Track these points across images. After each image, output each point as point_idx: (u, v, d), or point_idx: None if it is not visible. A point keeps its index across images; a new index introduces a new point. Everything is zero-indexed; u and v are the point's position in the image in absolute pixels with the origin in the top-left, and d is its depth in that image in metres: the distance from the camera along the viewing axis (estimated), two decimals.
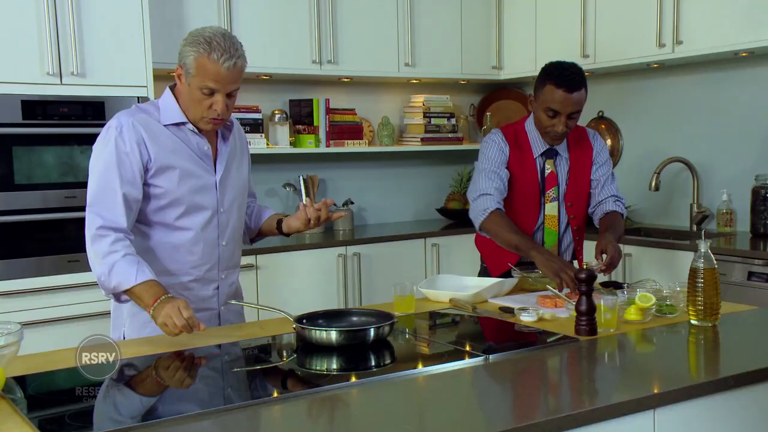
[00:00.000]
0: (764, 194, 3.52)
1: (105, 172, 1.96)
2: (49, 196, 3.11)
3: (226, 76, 1.94)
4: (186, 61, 1.95)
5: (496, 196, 2.52)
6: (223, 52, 1.92)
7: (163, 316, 1.83)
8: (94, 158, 2.01)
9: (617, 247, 2.40)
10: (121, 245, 1.93)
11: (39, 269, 3.10)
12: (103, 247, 1.92)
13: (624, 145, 4.30)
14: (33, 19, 3.04)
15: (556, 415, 1.38)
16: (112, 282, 1.90)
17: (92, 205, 1.96)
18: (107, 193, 1.95)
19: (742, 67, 3.70)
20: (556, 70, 2.46)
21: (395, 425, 1.38)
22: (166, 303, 1.85)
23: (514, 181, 2.59)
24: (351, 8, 4.00)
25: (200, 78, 1.94)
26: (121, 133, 1.97)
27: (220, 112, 1.98)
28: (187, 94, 1.99)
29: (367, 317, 1.99)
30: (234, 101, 2.03)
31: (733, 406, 1.61)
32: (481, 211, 2.51)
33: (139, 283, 1.88)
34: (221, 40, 1.93)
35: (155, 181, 2.00)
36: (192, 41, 1.95)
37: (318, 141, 4.11)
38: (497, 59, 4.51)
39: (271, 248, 3.57)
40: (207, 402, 1.55)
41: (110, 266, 1.90)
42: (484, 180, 2.55)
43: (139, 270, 1.89)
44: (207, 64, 1.92)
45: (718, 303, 1.96)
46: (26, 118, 3.05)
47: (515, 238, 2.42)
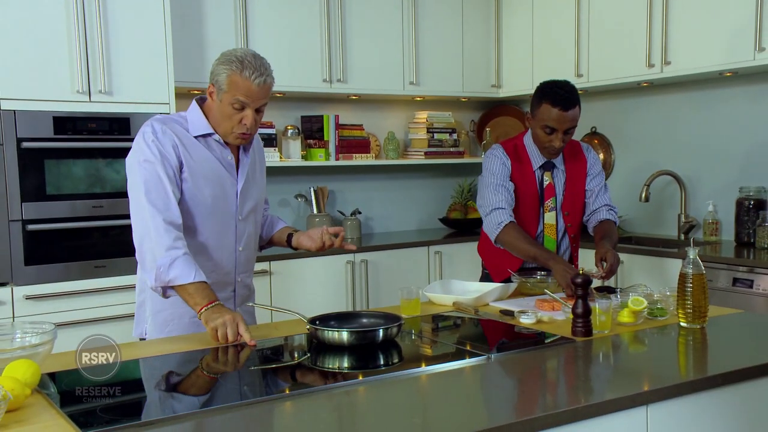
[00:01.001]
0: (748, 205, 3.52)
1: (153, 171, 1.94)
2: (77, 206, 3.13)
3: (257, 92, 1.97)
4: (219, 78, 1.97)
5: (507, 209, 2.53)
6: (254, 70, 1.94)
7: (220, 323, 1.81)
8: (136, 159, 1.97)
9: (616, 255, 2.41)
10: (182, 244, 1.92)
11: (68, 274, 3.11)
12: (168, 240, 1.89)
13: (615, 158, 4.31)
14: (64, 41, 3.07)
15: (554, 410, 1.38)
16: (170, 274, 1.88)
17: (149, 200, 1.92)
18: (160, 190, 1.93)
19: (726, 85, 3.71)
20: (552, 90, 2.47)
21: (403, 419, 1.39)
22: (224, 312, 1.84)
23: (516, 193, 2.61)
24: (359, 31, 4.03)
25: (232, 93, 1.96)
26: (158, 136, 1.97)
27: (249, 126, 2.00)
28: (218, 110, 2.01)
29: (376, 319, 2.00)
30: (261, 117, 2.04)
31: (721, 403, 1.62)
32: (495, 225, 2.52)
33: (196, 281, 1.88)
34: (252, 59, 1.96)
35: (184, 185, 2.00)
36: (225, 60, 1.97)
37: (328, 154, 4.13)
38: (496, 78, 4.53)
39: (283, 255, 3.58)
40: (226, 397, 1.55)
41: (172, 259, 1.88)
42: (492, 194, 2.56)
43: (197, 271, 1.89)
44: (239, 81, 1.94)
45: (706, 306, 1.97)
46: (57, 133, 3.07)
47: (533, 250, 2.44)
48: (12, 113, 2.98)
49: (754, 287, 3.07)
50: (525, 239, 2.48)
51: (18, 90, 3.00)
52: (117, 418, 1.37)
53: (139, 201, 1.94)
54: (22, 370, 1.43)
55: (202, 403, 1.50)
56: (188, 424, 1.34)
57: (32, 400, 1.44)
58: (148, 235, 1.91)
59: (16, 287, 3.01)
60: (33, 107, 3.02)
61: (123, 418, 1.36)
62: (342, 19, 3.96)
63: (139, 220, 1.94)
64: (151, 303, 2.06)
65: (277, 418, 1.42)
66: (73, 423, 1.31)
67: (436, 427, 1.36)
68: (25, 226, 3.02)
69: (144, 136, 1.98)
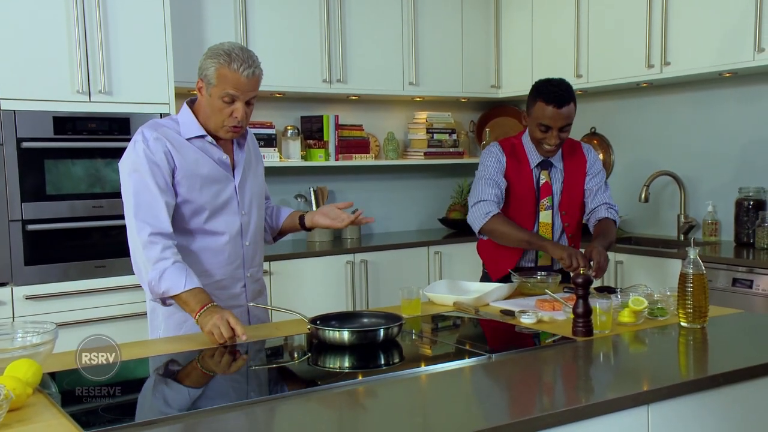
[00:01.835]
0: (747, 205, 3.52)
1: (142, 181, 1.95)
2: (77, 206, 3.13)
3: (246, 84, 1.96)
4: (207, 72, 1.97)
5: (495, 202, 2.55)
6: (242, 63, 1.94)
7: (211, 325, 1.82)
8: (126, 170, 1.99)
9: (603, 252, 2.41)
10: (171, 252, 1.92)
11: (68, 274, 3.11)
12: (154, 253, 1.90)
13: (615, 159, 4.31)
14: (64, 41, 3.07)
15: (555, 410, 1.38)
16: (161, 287, 1.90)
17: (137, 214, 1.93)
18: (149, 201, 1.94)
19: (725, 86, 3.72)
20: (545, 88, 2.48)
21: (404, 419, 1.39)
22: (213, 312, 1.85)
23: (512, 191, 2.61)
24: (359, 31, 4.03)
25: (221, 87, 1.96)
26: (149, 144, 1.97)
27: (240, 119, 2.00)
28: (207, 105, 2.01)
29: (377, 319, 2.00)
30: (252, 110, 2.04)
31: (722, 402, 1.62)
32: (482, 214, 2.54)
33: (187, 290, 1.88)
34: (240, 52, 1.96)
35: (181, 189, 2.00)
36: (212, 54, 1.97)
37: (327, 155, 4.13)
38: (496, 79, 4.53)
39: (283, 255, 3.59)
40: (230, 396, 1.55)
41: (161, 272, 1.89)
42: (483, 187, 2.58)
43: (188, 278, 1.89)
44: (227, 74, 1.94)
45: (707, 306, 1.97)
46: (57, 133, 3.07)
47: (525, 235, 2.50)
48: (12, 113, 2.98)
49: (753, 287, 3.07)
50: (516, 226, 2.52)
51: (18, 90, 2.99)
52: (119, 417, 1.37)
53: (128, 216, 1.96)
54: (23, 370, 1.43)
55: (203, 403, 1.50)
56: (189, 424, 1.34)
57: (34, 399, 1.44)
58: (138, 251, 1.94)
59: (16, 287, 3.00)
60: (33, 107, 3.02)
61: (125, 418, 1.36)
62: (342, 20, 3.96)
63: (130, 235, 1.97)
64: (163, 308, 2.06)
65: (278, 417, 1.42)
66: (75, 422, 1.31)
67: (437, 426, 1.36)
68: (25, 226, 3.02)
69: (135, 146, 1.99)
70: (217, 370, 1.76)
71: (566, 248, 2.39)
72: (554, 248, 2.42)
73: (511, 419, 1.34)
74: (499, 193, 2.57)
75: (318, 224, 2.23)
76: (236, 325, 1.83)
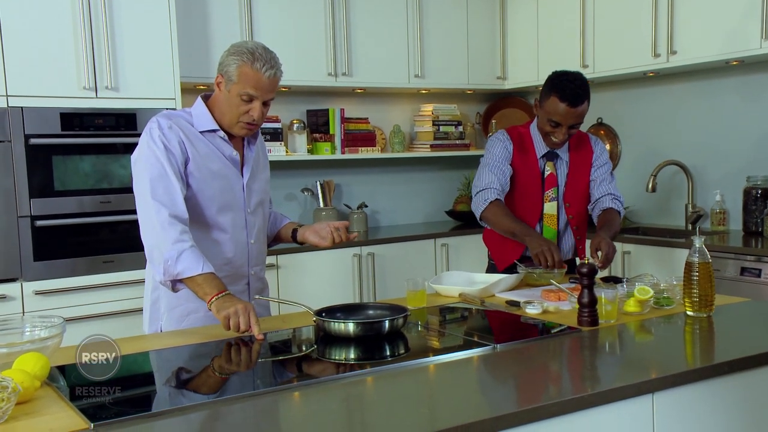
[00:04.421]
0: (755, 194, 3.51)
1: (159, 166, 1.94)
2: (85, 202, 3.15)
3: (266, 85, 1.97)
4: (228, 69, 1.97)
5: (497, 189, 2.54)
6: (264, 63, 1.95)
7: (232, 312, 1.81)
8: (142, 154, 1.97)
9: (610, 243, 2.40)
10: (189, 237, 1.91)
11: (76, 269, 3.14)
12: (173, 234, 1.89)
13: (622, 149, 4.29)
14: (71, 38, 3.08)
15: (560, 398, 1.38)
16: (178, 267, 1.87)
17: (154, 196, 1.91)
18: (166, 185, 1.93)
19: (732, 75, 3.69)
20: (562, 83, 2.43)
21: (410, 409, 1.39)
22: (236, 301, 1.84)
23: (516, 180, 2.60)
24: (364, 24, 4.02)
25: (241, 85, 1.96)
26: (164, 132, 1.97)
27: (256, 118, 2.00)
28: (225, 101, 2.01)
29: (382, 310, 2.00)
30: (268, 110, 2.05)
31: (727, 391, 1.61)
32: (482, 202, 2.54)
33: (205, 272, 1.88)
34: (263, 52, 1.97)
35: (191, 180, 2.01)
36: (235, 51, 1.97)
37: (334, 148, 4.13)
38: (502, 70, 4.52)
39: (291, 249, 3.59)
40: (235, 388, 1.57)
41: (179, 252, 1.87)
42: (487, 174, 2.57)
43: (205, 262, 1.88)
44: (249, 73, 1.95)
45: (713, 295, 1.96)
46: (65, 129, 3.09)
47: (513, 226, 2.47)
48: (20, 110, 3.00)
49: (762, 276, 3.06)
50: (508, 216, 2.50)
51: (25, 87, 3.01)
52: (127, 409, 1.38)
53: (144, 197, 1.94)
54: (31, 363, 1.44)
55: (211, 394, 1.51)
56: (198, 415, 1.35)
57: (42, 392, 1.45)
58: (154, 230, 1.91)
59: (25, 283, 3.03)
60: (40, 104, 3.04)
61: (132, 410, 1.37)
62: (347, 13, 3.95)
63: (145, 215, 1.94)
64: (167, 299, 2.06)
65: (285, 408, 1.43)
66: (83, 415, 1.32)
67: (444, 416, 1.36)
68: (34, 222, 3.04)
69: (150, 132, 1.98)
70: (224, 362, 1.77)
71: (543, 244, 2.35)
72: (532, 242, 2.38)
73: (516, 408, 1.34)
74: (504, 179, 2.56)
75: (307, 240, 2.24)
76: (255, 324, 1.82)
